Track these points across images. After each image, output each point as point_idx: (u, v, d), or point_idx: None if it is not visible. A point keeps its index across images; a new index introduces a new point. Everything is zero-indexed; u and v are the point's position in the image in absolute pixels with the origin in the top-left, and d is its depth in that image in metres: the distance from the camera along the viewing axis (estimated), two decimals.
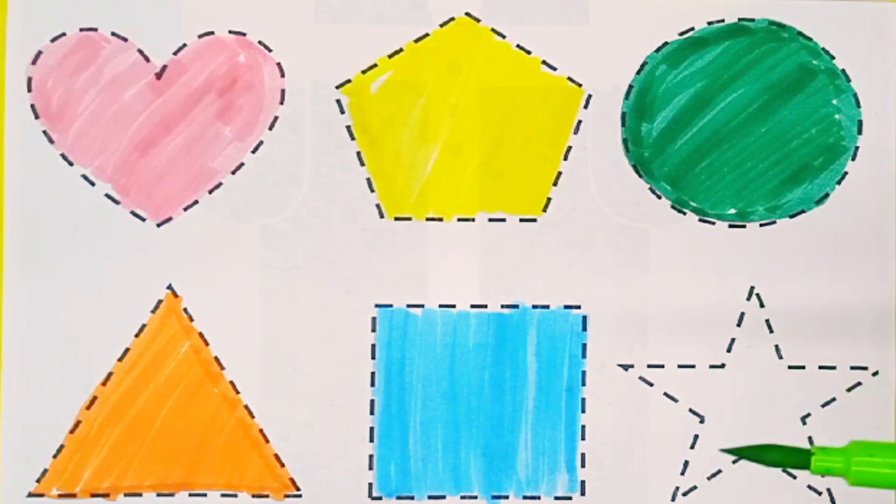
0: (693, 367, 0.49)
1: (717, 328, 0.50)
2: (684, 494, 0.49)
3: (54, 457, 0.49)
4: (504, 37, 0.50)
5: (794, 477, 0.49)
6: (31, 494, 0.49)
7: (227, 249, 0.49)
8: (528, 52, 0.50)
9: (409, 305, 0.49)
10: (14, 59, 0.49)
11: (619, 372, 0.49)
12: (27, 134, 0.49)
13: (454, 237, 0.50)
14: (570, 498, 0.49)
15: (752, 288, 0.50)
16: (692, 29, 0.50)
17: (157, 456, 0.49)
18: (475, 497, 0.49)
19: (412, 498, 0.49)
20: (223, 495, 0.49)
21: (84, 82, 0.49)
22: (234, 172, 0.49)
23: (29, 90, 0.49)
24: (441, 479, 0.49)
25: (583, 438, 0.49)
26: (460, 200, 0.50)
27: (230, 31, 0.50)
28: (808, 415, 0.49)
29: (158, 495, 0.49)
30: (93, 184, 0.49)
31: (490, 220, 0.50)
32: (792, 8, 0.50)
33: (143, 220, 0.49)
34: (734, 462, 0.49)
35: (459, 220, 0.50)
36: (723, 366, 0.49)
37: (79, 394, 0.49)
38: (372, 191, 0.50)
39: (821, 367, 0.49)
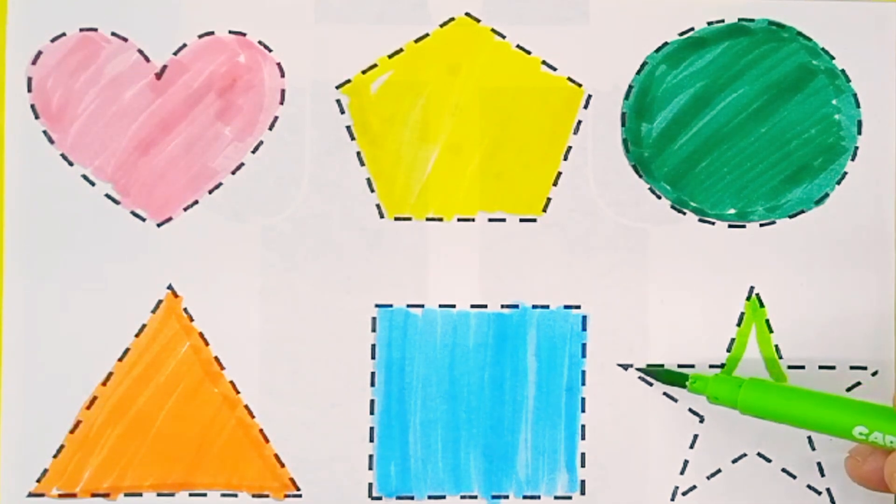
0: (693, 367, 0.49)
1: (717, 328, 0.50)
2: (684, 494, 0.49)
3: (54, 457, 0.49)
4: (504, 37, 0.50)
5: (795, 477, 0.49)
6: (31, 494, 0.49)
7: (227, 249, 0.49)
8: (528, 52, 0.50)
9: (409, 305, 0.49)
10: (14, 59, 0.49)
11: (619, 372, 0.49)
12: (27, 134, 0.49)
13: (454, 237, 0.50)
14: (570, 497, 0.49)
15: (752, 288, 0.50)
16: (692, 29, 0.50)
17: (157, 456, 0.49)
18: (475, 497, 0.49)
19: (412, 498, 0.49)
20: (223, 495, 0.49)
21: (84, 82, 0.49)
22: (234, 172, 0.49)
23: (29, 90, 0.49)
24: (441, 479, 0.49)
25: (583, 438, 0.49)
26: (460, 200, 0.50)
27: (230, 31, 0.50)
28: None
29: (158, 495, 0.49)
30: (93, 184, 0.49)
31: (490, 220, 0.50)
32: (792, 8, 0.50)
33: (143, 220, 0.49)
34: (734, 462, 0.49)
35: (459, 220, 0.50)
36: (722, 366, 0.49)
37: (79, 394, 0.49)
38: (372, 191, 0.50)
39: (821, 367, 0.49)
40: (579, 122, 0.50)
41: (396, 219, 0.50)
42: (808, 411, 0.45)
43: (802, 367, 0.49)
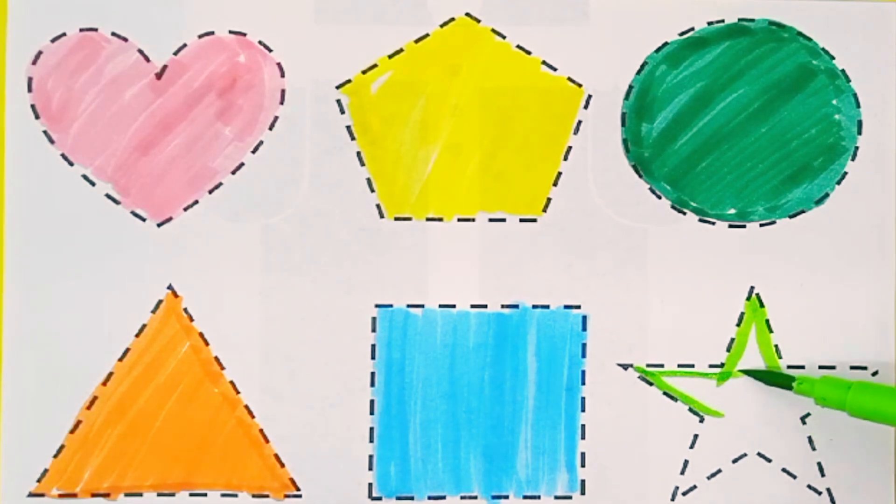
0: (693, 366, 0.49)
1: (717, 328, 0.50)
2: (684, 494, 0.49)
3: (55, 457, 0.49)
4: (504, 37, 0.50)
5: (795, 477, 0.50)
6: (31, 494, 0.49)
7: (227, 249, 0.49)
8: (528, 52, 0.50)
9: (409, 305, 0.49)
10: (14, 59, 0.49)
11: (618, 372, 0.49)
12: (27, 134, 0.49)
13: (454, 237, 0.50)
14: (570, 497, 0.49)
15: (752, 288, 0.50)
16: (692, 29, 0.50)
17: (158, 456, 0.49)
18: (475, 497, 0.49)
19: (412, 498, 0.49)
20: (223, 495, 0.49)
21: (84, 82, 0.49)
22: (234, 172, 0.49)
23: (29, 90, 0.49)
24: (441, 479, 0.49)
25: (583, 438, 0.49)
26: (460, 200, 0.50)
27: (230, 31, 0.50)
28: (808, 414, 0.49)
29: (158, 495, 0.49)
30: (93, 184, 0.49)
31: (490, 220, 0.50)
32: (792, 8, 0.50)
33: (144, 220, 0.49)
34: (734, 462, 0.49)
35: (459, 220, 0.50)
36: (722, 365, 0.49)
37: (79, 394, 0.49)
38: (372, 191, 0.50)
39: (821, 367, 0.49)
40: (579, 122, 0.50)
41: (396, 219, 0.50)
42: None
43: (802, 367, 0.49)
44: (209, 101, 0.49)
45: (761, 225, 0.50)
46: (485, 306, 0.49)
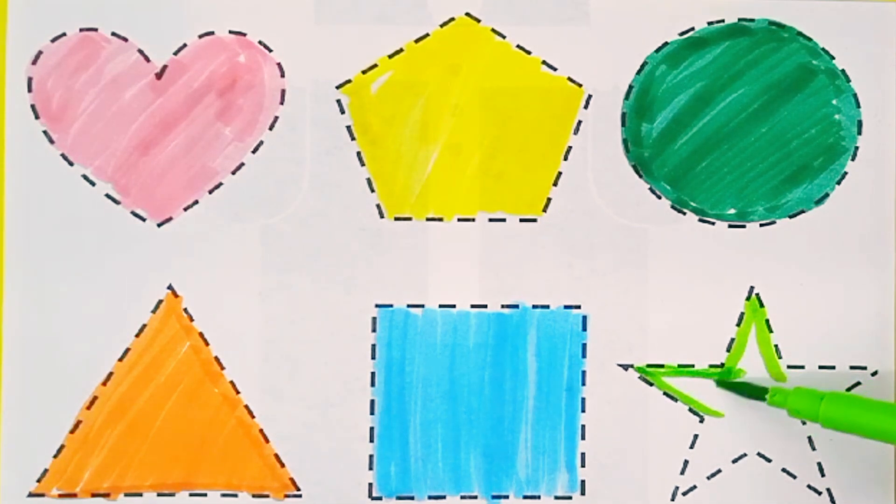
0: (693, 366, 0.49)
1: (717, 328, 0.50)
2: (684, 494, 0.49)
3: (55, 457, 0.49)
4: (504, 37, 0.50)
5: (795, 477, 0.50)
6: (31, 494, 0.49)
7: (227, 249, 0.49)
8: (528, 52, 0.50)
9: (409, 305, 0.49)
10: (14, 59, 0.49)
11: (619, 372, 0.49)
12: (27, 134, 0.49)
13: (454, 237, 0.50)
14: (570, 497, 0.49)
15: (752, 288, 0.50)
16: (692, 29, 0.50)
17: (158, 456, 0.49)
18: (475, 497, 0.49)
19: (412, 498, 0.49)
20: (223, 495, 0.49)
21: (84, 82, 0.49)
22: (234, 172, 0.49)
23: (29, 90, 0.49)
24: (441, 479, 0.49)
25: (583, 438, 0.49)
26: (460, 200, 0.50)
27: (230, 31, 0.50)
28: None
29: (158, 495, 0.49)
30: (93, 184, 0.49)
31: (490, 220, 0.50)
32: (792, 8, 0.50)
33: (144, 220, 0.49)
34: (734, 462, 0.49)
35: (459, 220, 0.50)
36: (722, 365, 0.50)
37: (79, 394, 0.49)
38: (372, 191, 0.50)
39: (821, 367, 0.49)
40: (579, 122, 0.50)
41: (396, 219, 0.50)
42: (892, 424, 0.44)
43: (802, 367, 0.49)
44: (209, 101, 0.49)
45: (761, 225, 0.50)
46: (485, 306, 0.49)
